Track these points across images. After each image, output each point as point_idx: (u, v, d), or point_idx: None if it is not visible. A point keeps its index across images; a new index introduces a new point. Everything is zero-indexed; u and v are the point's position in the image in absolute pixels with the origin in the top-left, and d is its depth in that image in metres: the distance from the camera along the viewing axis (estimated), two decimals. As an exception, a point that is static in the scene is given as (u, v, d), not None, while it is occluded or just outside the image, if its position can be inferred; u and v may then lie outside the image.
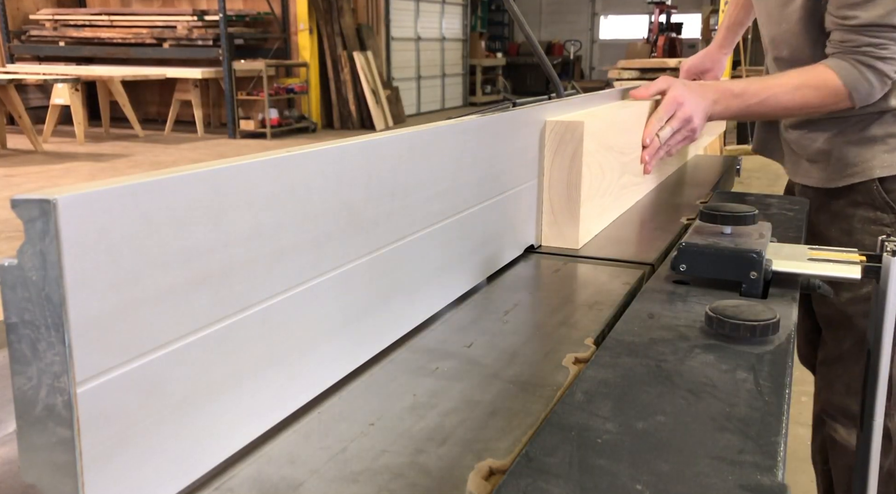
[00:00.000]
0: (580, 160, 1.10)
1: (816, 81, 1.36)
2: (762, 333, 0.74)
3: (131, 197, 0.46)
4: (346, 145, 0.67)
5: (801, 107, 1.39)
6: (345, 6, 10.47)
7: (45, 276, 0.41)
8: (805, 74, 1.38)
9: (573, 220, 1.14)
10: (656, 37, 11.98)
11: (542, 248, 1.16)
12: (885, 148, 1.40)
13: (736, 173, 2.03)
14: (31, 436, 0.44)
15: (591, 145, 1.13)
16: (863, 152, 1.42)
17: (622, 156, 1.32)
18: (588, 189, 1.14)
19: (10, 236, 4.52)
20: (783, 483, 0.51)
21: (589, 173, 1.14)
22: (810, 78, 1.37)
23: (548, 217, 1.15)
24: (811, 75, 1.37)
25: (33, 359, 0.42)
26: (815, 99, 1.36)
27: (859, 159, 1.42)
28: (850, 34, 1.32)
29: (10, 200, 0.41)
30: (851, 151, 1.43)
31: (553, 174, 1.13)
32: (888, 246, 0.92)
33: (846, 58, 1.33)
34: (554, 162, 1.12)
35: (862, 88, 1.33)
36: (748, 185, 5.07)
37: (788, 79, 1.39)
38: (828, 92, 1.35)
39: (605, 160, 1.21)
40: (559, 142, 1.10)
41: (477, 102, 14.82)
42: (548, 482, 0.51)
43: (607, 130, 1.20)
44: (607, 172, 1.24)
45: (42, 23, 10.71)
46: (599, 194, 1.21)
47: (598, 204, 1.22)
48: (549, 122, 1.11)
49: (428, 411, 0.65)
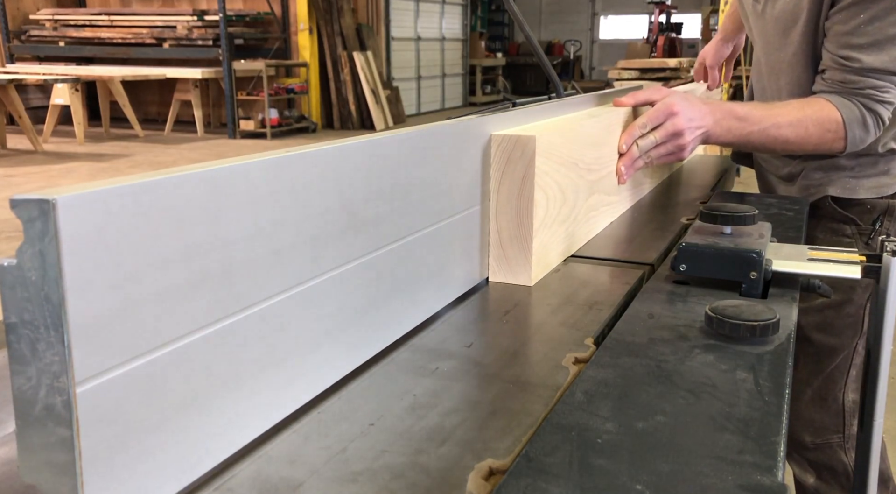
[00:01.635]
0: (532, 182, 0.94)
1: (819, 115, 1.29)
2: (762, 333, 0.74)
3: (131, 197, 0.46)
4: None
5: (802, 141, 1.31)
6: (345, 6, 10.47)
7: (44, 276, 0.41)
8: (808, 107, 1.31)
9: (524, 253, 0.97)
10: (656, 37, 11.98)
11: (490, 286, 0.99)
12: (848, 174, 1.43)
13: (736, 173, 2.03)
14: (30, 436, 0.44)
15: (547, 164, 0.98)
16: (828, 176, 1.44)
17: (589, 173, 1.16)
18: (544, 216, 0.99)
19: (9, 236, 4.52)
20: (783, 483, 0.51)
21: (544, 197, 0.98)
22: (814, 111, 1.30)
23: (495, 250, 0.99)
24: (814, 109, 1.30)
25: (33, 359, 0.42)
26: (816, 134, 1.30)
27: (822, 181, 1.45)
28: (853, 76, 1.29)
29: (10, 200, 0.41)
30: (817, 175, 1.46)
31: (500, 199, 0.96)
32: (888, 246, 0.92)
33: (847, 97, 1.29)
34: (501, 184, 0.96)
35: (857, 128, 1.29)
36: (748, 185, 5.06)
37: (791, 109, 1.32)
38: (828, 127, 1.29)
39: (566, 180, 1.05)
40: (507, 160, 0.94)
41: (477, 101, 14.81)
42: (548, 482, 0.51)
43: (568, 143, 1.05)
44: (569, 193, 1.07)
45: (42, 23, 10.70)
46: (560, 219, 1.05)
47: (557, 232, 1.06)
48: (494, 136, 0.94)
49: (428, 411, 0.65)
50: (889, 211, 1.41)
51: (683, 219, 1.34)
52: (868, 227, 1.42)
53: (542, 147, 0.95)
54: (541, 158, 0.94)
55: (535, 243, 0.97)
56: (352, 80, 10.43)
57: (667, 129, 1.23)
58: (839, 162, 1.43)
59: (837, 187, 1.43)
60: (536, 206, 0.95)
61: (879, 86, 1.28)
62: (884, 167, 1.40)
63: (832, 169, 1.44)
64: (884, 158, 1.40)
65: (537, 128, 1.01)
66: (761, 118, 1.30)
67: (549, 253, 1.04)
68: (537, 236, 0.97)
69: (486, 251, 0.99)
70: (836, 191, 1.43)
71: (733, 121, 1.30)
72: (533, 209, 0.95)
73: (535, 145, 0.93)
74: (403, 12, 12.70)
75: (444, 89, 14.37)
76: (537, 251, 0.99)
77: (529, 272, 0.98)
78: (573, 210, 1.11)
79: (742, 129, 1.30)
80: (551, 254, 1.05)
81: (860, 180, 1.41)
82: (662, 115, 1.24)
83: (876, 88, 1.28)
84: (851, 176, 1.42)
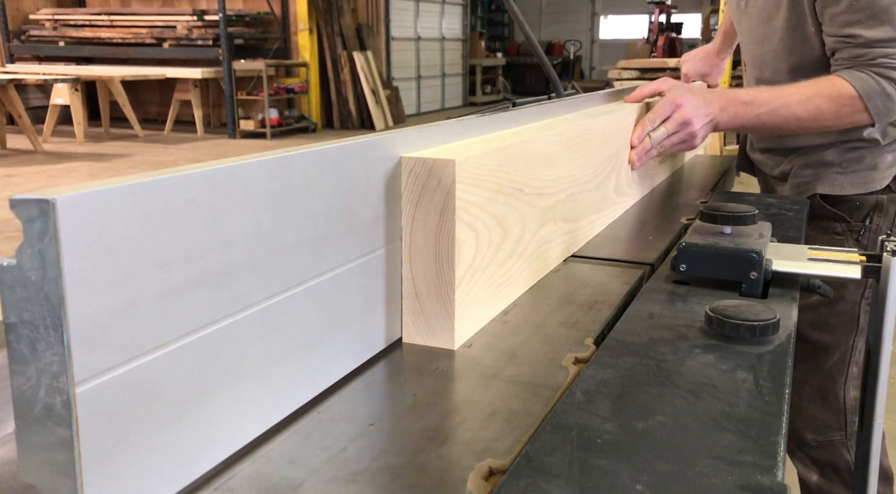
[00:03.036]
0: (453, 217, 0.74)
1: (830, 91, 1.30)
2: (762, 333, 0.74)
3: (130, 197, 0.46)
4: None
5: (815, 118, 1.31)
6: (345, 6, 10.47)
7: (43, 276, 0.41)
8: (818, 84, 1.32)
9: (445, 307, 0.77)
10: (656, 37, 11.98)
11: (403, 349, 0.79)
12: (836, 170, 1.43)
13: (736, 173, 2.03)
14: (30, 436, 0.44)
15: (476, 192, 0.78)
16: (816, 173, 1.46)
17: (541, 198, 0.97)
18: (472, 258, 0.79)
19: (9, 236, 4.52)
20: (783, 483, 0.51)
21: (472, 235, 0.79)
22: (823, 87, 1.31)
23: (410, 303, 0.79)
24: (824, 85, 1.31)
25: (32, 359, 0.42)
26: (829, 109, 1.30)
27: (811, 179, 1.46)
28: (861, 49, 1.29)
29: (9, 200, 0.41)
30: (806, 172, 1.47)
31: (415, 239, 0.77)
32: (888, 246, 0.92)
33: (860, 70, 1.30)
34: (415, 220, 0.76)
35: (878, 99, 1.28)
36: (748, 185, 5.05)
37: (799, 88, 1.33)
38: (842, 102, 1.29)
39: (506, 210, 0.87)
40: (421, 190, 0.75)
41: (477, 101, 14.81)
42: (548, 482, 0.51)
43: (509, 165, 0.86)
44: (512, 226, 0.89)
45: (42, 23, 10.70)
46: (499, 260, 0.87)
47: (495, 275, 0.86)
48: (405, 160, 0.75)
49: (428, 411, 0.65)
50: (878, 207, 1.41)
51: (683, 219, 1.34)
52: (858, 224, 1.42)
53: (468, 173, 0.76)
54: (465, 186, 0.75)
55: (461, 293, 0.77)
56: (352, 80, 10.43)
57: (676, 119, 1.29)
58: (827, 158, 1.43)
59: (825, 183, 1.43)
60: (461, 246, 0.76)
61: (890, 53, 1.28)
62: (871, 162, 1.40)
63: (820, 166, 1.44)
64: (870, 153, 1.40)
65: (463, 148, 0.82)
66: (768, 99, 1.33)
67: (479, 306, 0.82)
68: (463, 285, 0.77)
69: (397, 305, 0.79)
70: (825, 188, 1.43)
71: (739, 106, 1.33)
72: (455, 251, 0.75)
73: (456, 171, 0.73)
74: (403, 12, 12.70)
75: (444, 89, 14.37)
76: (464, 304, 0.78)
77: (452, 332, 0.77)
78: (518, 246, 0.92)
79: (749, 112, 1.33)
80: (485, 306, 0.84)
81: (848, 176, 1.41)
82: (669, 108, 1.29)
83: (887, 56, 1.28)
84: (839, 172, 1.42)
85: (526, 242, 0.94)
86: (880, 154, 1.40)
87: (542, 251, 1.01)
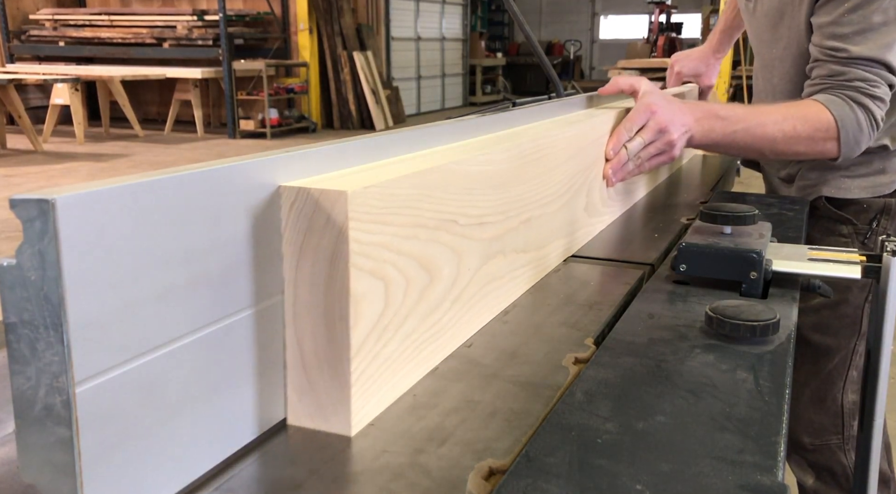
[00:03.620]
0: (346, 264, 0.57)
1: (805, 113, 1.26)
2: (762, 333, 0.74)
3: (130, 197, 0.46)
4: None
5: (789, 140, 1.27)
6: (345, 6, 10.47)
7: (43, 276, 0.41)
8: (795, 106, 1.29)
9: (339, 382, 0.60)
10: (656, 37, 11.99)
11: (290, 432, 0.62)
12: (843, 174, 1.42)
13: (736, 173, 2.03)
14: (30, 436, 0.44)
15: (383, 232, 0.62)
16: (823, 176, 1.44)
17: (483, 229, 0.81)
18: (379, 316, 0.62)
19: (9, 236, 4.52)
20: (783, 483, 0.51)
21: (380, 287, 0.62)
22: (799, 110, 1.27)
23: (296, 376, 0.61)
24: (801, 107, 1.28)
25: (32, 359, 0.42)
26: (805, 132, 1.26)
27: (817, 182, 1.45)
28: (841, 67, 1.26)
29: (9, 200, 0.41)
30: (813, 175, 1.46)
31: (300, 294, 0.60)
32: (888, 246, 0.92)
33: (836, 93, 1.26)
34: (300, 270, 0.59)
35: (851, 127, 1.24)
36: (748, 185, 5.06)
37: (777, 108, 1.29)
38: (818, 126, 1.25)
39: (431, 249, 0.70)
40: (307, 230, 0.58)
41: (477, 101, 14.82)
42: (548, 482, 0.51)
43: (435, 191, 0.70)
44: (443, 267, 0.73)
45: (42, 23, 10.70)
46: (421, 312, 0.70)
47: (415, 331, 0.69)
48: (285, 190, 0.59)
49: (428, 411, 0.65)
50: (886, 210, 1.40)
51: (683, 219, 1.34)
52: (864, 226, 1.42)
53: (369, 206, 0.59)
54: (365, 223, 0.59)
55: (360, 362, 0.60)
56: (352, 80, 10.43)
57: (651, 127, 1.20)
58: (834, 162, 1.43)
59: (832, 186, 1.43)
60: (359, 302, 0.59)
61: (868, 79, 1.25)
62: (879, 166, 1.40)
63: (827, 169, 1.43)
64: (878, 157, 1.39)
65: (368, 173, 0.65)
66: (744, 117, 1.27)
67: (395, 370, 0.66)
68: (364, 351, 0.61)
69: (278, 378, 0.61)
70: (831, 191, 1.43)
71: (715, 120, 1.26)
72: (350, 309, 0.58)
73: (349, 206, 0.56)
74: (403, 12, 12.70)
75: (444, 89, 14.37)
76: (365, 376, 0.61)
77: (348, 414, 0.60)
78: (452, 289, 0.76)
79: (724, 128, 1.26)
80: (400, 375, 0.67)
81: (855, 180, 1.41)
82: (644, 115, 1.20)
83: (865, 81, 1.25)
84: (846, 175, 1.42)
85: (464, 283, 0.78)
86: (888, 159, 1.40)
87: (489, 291, 0.85)
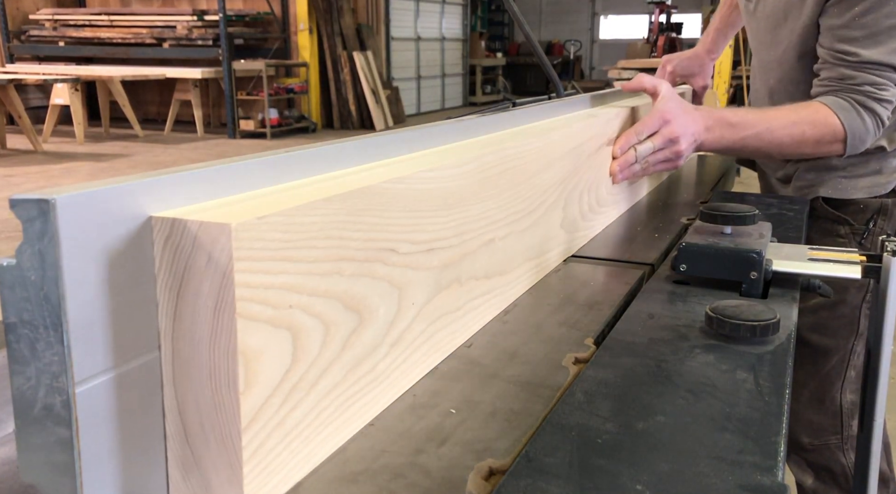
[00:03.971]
0: (233, 317, 0.47)
1: (814, 118, 1.27)
2: (762, 333, 0.74)
3: (130, 197, 0.46)
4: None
5: (797, 144, 1.29)
6: (345, 6, 10.47)
7: (43, 276, 0.41)
8: (802, 110, 1.30)
9: (229, 460, 0.49)
10: (656, 37, 11.98)
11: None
12: (841, 174, 1.42)
13: (736, 173, 2.02)
14: (29, 436, 0.44)
15: (288, 272, 0.51)
16: (820, 177, 1.44)
17: (432, 255, 0.71)
18: (283, 376, 0.52)
19: (9, 237, 4.52)
20: (783, 483, 0.51)
21: (286, 339, 0.52)
22: (808, 114, 1.28)
23: (177, 449, 0.50)
24: (809, 112, 1.29)
25: (32, 359, 0.42)
26: (812, 137, 1.28)
27: (814, 182, 1.45)
28: (850, 70, 1.26)
29: (9, 199, 0.41)
30: (810, 176, 1.46)
31: (180, 349, 0.49)
32: (888, 246, 0.92)
33: (843, 96, 1.27)
34: (178, 320, 0.48)
35: (858, 131, 1.26)
36: (748, 185, 5.06)
37: (785, 113, 1.30)
38: (825, 131, 1.27)
39: (360, 287, 0.60)
40: (183, 271, 0.47)
41: (477, 102, 14.82)
42: (548, 482, 0.51)
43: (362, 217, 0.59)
44: (378, 306, 0.63)
45: (42, 23, 10.70)
46: (347, 362, 0.59)
47: (338, 387, 0.58)
48: (156, 221, 0.47)
49: (428, 411, 0.65)
50: (882, 210, 1.40)
51: (683, 219, 1.34)
52: (861, 227, 1.42)
53: (265, 240, 0.48)
54: (259, 263, 0.48)
55: (255, 435, 0.49)
56: (352, 80, 10.43)
57: (664, 135, 1.22)
58: (831, 162, 1.42)
59: (829, 187, 1.43)
60: (253, 360, 0.48)
61: (877, 82, 1.25)
62: (876, 167, 1.40)
63: (824, 170, 1.43)
64: (875, 158, 1.40)
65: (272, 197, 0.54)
66: (754, 123, 1.29)
67: (309, 437, 0.55)
68: (262, 420, 0.50)
69: (160, 452, 0.51)
70: (829, 191, 1.43)
71: (726, 128, 1.28)
72: (239, 370, 0.47)
73: (233, 242, 0.46)
74: (403, 12, 12.70)
75: (444, 89, 14.37)
76: (265, 449, 0.51)
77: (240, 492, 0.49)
78: (391, 330, 0.65)
79: (735, 134, 1.28)
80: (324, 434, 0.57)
81: (852, 180, 1.41)
82: (657, 122, 1.22)
83: (873, 85, 1.26)
84: (844, 176, 1.42)
85: (406, 321, 0.67)
86: (885, 159, 1.40)
87: (441, 326, 0.74)
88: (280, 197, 0.54)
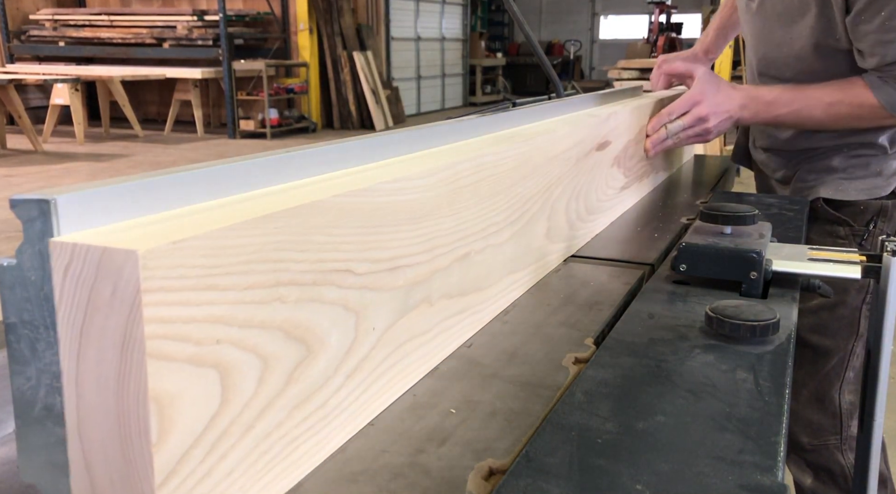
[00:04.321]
0: (142, 357, 0.41)
1: (852, 99, 1.32)
2: (762, 333, 0.74)
3: (130, 197, 0.46)
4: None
5: (834, 122, 1.36)
6: (345, 6, 10.47)
7: (44, 276, 0.41)
8: (841, 91, 1.33)
9: None
10: (656, 37, 11.98)
11: None
12: (841, 176, 1.44)
13: (736, 173, 2.02)
14: (29, 436, 0.44)
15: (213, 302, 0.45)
16: (820, 178, 1.46)
17: (397, 274, 0.65)
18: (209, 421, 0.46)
19: (9, 237, 4.52)
20: (783, 483, 0.51)
21: (212, 378, 0.46)
22: (846, 95, 1.33)
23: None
24: (847, 93, 1.32)
25: (32, 359, 0.42)
26: (850, 116, 1.33)
27: (814, 183, 1.46)
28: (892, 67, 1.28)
29: (9, 200, 0.41)
30: (810, 177, 1.47)
31: (84, 394, 0.43)
32: (888, 246, 0.92)
33: (887, 81, 1.29)
34: (82, 360, 0.42)
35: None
36: (748, 185, 5.05)
37: (823, 93, 1.35)
38: (863, 111, 1.32)
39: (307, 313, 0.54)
40: (86, 305, 0.41)
41: (477, 102, 14.82)
42: (548, 482, 0.51)
43: (312, 236, 0.54)
44: (329, 333, 0.57)
45: (42, 23, 10.70)
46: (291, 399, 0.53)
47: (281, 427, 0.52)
48: (55, 245, 0.41)
49: (428, 411, 0.65)
50: (882, 212, 1.41)
51: (683, 219, 1.34)
52: (861, 228, 1.42)
53: (185, 266, 0.43)
54: (178, 293, 0.43)
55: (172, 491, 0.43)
56: (352, 80, 10.43)
57: (693, 115, 1.38)
58: (832, 164, 1.43)
59: (829, 188, 1.43)
60: (169, 405, 0.43)
61: None
62: (876, 168, 1.40)
63: (824, 171, 1.44)
64: (876, 160, 1.40)
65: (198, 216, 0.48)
66: (790, 101, 1.37)
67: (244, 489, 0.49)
68: (184, 473, 0.44)
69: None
70: (828, 192, 1.43)
71: (761, 105, 1.38)
72: (150, 418, 0.41)
73: (141, 271, 0.40)
74: (403, 12, 12.70)
75: (444, 89, 14.37)
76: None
77: None
78: (346, 360, 0.59)
79: (770, 112, 1.39)
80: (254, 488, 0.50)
81: (852, 182, 1.41)
82: (688, 104, 1.38)
83: None
84: (844, 178, 1.42)
85: (365, 349, 0.61)
86: (886, 161, 1.40)
87: (408, 351, 0.68)
88: (213, 215, 0.48)
